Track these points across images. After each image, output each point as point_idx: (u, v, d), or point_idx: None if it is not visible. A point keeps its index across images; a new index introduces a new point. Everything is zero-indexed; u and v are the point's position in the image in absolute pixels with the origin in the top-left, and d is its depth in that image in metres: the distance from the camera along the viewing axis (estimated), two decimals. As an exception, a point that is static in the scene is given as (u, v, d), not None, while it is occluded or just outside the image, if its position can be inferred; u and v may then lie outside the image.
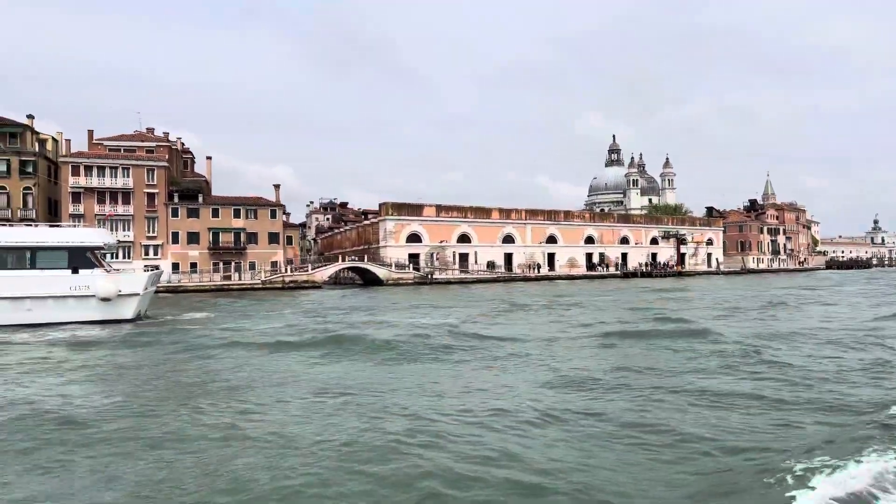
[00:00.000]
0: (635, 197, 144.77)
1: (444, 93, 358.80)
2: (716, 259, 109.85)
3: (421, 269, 72.44)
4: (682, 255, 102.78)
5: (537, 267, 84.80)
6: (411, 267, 71.78)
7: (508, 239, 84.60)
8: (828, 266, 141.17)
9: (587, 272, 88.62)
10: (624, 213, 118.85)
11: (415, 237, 76.23)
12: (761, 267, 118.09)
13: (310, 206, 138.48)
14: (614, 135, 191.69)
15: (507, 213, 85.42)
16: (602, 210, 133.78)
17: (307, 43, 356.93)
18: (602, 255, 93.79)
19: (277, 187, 69.92)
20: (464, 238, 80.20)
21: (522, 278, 78.16)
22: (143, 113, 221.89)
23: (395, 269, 69.43)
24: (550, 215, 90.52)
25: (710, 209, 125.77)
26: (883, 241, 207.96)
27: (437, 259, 76.36)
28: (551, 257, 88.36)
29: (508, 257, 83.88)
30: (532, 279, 78.41)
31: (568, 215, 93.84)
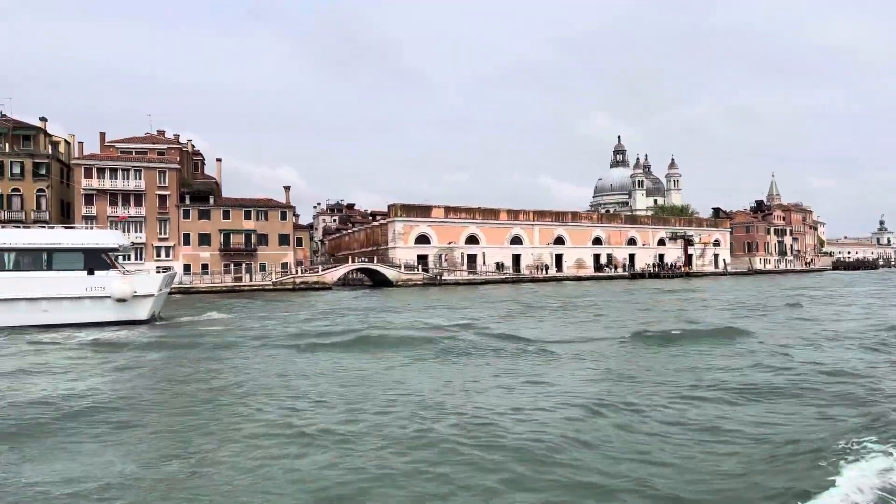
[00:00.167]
0: (641, 198, 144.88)
1: (444, 93, 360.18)
2: (723, 260, 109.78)
3: (430, 270, 72.68)
4: (689, 257, 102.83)
5: (545, 268, 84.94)
6: (420, 268, 72.05)
7: (516, 240, 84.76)
8: (834, 267, 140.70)
9: (595, 273, 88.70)
10: (631, 215, 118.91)
11: (423, 238, 76.46)
12: (768, 268, 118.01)
13: (317, 207, 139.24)
14: (619, 136, 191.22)
15: (515, 215, 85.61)
16: (608, 211, 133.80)
17: (307, 43, 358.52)
18: (610, 256, 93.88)
19: (287, 189, 70.25)
20: (472, 239, 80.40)
21: (531, 279, 78.30)
22: (142, 113, 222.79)
23: (405, 270, 69.67)
24: (558, 216, 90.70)
25: (717, 210, 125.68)
26: (889, 241, 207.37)
27: (446, 260, 76.56)
28: (559, 258, 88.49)
29: (516, 258, 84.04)
30: (540, 280, 78.57)
31: (576, 216, 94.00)
